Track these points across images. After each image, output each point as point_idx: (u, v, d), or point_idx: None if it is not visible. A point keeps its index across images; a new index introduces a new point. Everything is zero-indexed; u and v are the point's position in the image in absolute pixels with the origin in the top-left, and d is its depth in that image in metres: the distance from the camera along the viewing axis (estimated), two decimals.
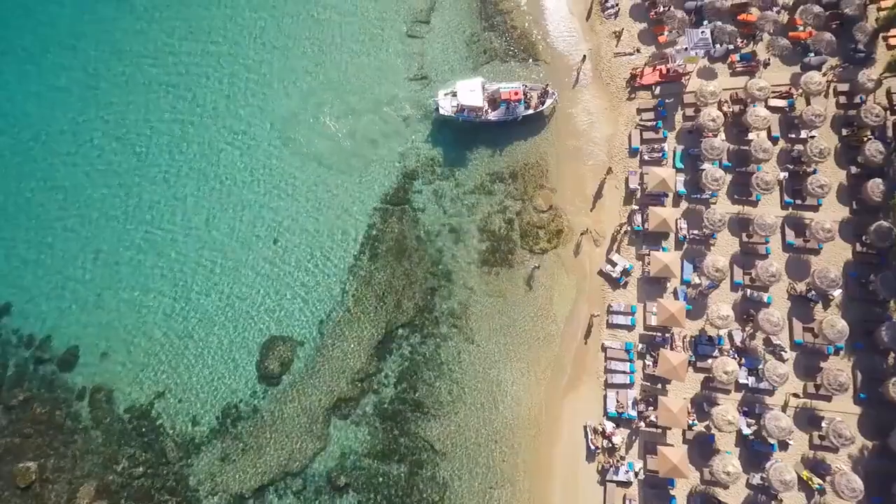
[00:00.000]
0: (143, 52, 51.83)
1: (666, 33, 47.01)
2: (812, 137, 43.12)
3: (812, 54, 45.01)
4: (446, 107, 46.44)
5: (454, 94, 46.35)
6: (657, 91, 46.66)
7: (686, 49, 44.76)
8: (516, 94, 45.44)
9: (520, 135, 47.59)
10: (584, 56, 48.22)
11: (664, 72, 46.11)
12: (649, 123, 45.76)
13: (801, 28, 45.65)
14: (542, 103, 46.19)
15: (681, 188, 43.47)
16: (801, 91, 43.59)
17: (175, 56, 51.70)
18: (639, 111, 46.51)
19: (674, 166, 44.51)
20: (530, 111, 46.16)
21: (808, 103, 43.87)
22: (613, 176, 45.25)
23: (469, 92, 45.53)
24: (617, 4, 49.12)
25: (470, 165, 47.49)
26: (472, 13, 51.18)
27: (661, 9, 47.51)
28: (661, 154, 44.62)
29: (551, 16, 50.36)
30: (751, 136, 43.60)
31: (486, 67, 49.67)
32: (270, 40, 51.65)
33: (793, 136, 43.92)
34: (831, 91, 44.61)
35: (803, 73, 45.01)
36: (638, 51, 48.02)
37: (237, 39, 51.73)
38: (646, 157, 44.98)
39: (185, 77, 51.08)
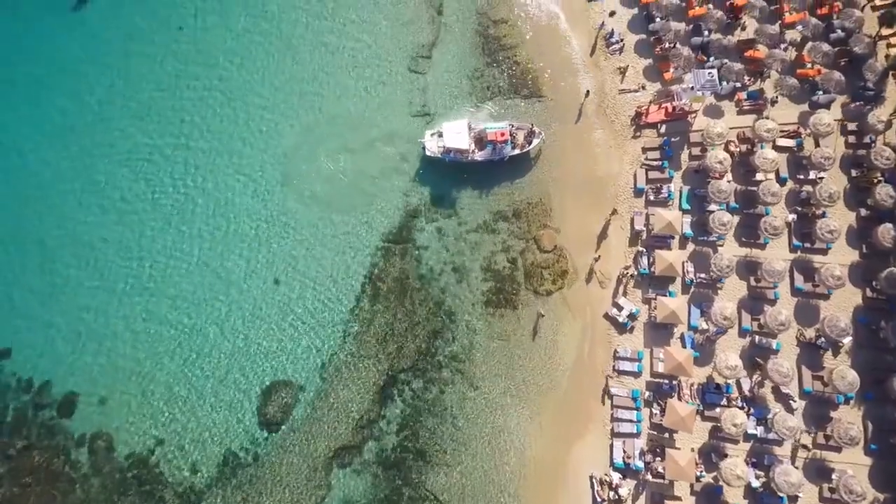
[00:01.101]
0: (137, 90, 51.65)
1: (672, 70, 46.42)
2: (821, 179, 42.54)
3: (821, 92, 44.36)
4: (433, 147, 45.94)
5: (440, 135, 45.92)
6: (662, 129, 46.04)
7: (692, 88, 44.11)
8: (502, 134, 44.91)
9: (522, 172, 47.08)
10: (588, 91, 47.64)
11: (670, 110, 45.53)
12: (654, 163, 45.13)
13: (810, 65, 45.03)
14: (529, 143, 45.65)
15: (687, 230, 42.83)
16: (809, 131, 42.95)
17: (174, 89, 51.46)
18: (644, 150, 45.89)
19: (680, 207, 43.90)
20: (517, 151, 45.60)
21: (816, 144, 43.24)
22: (618, 216, 44.65)
23: (455, 134, 45.12)
24: (621, 40, 48.53)
25: (472, 203, 46.95)
26: (475, 48, 50.65)
27: (667, 45, 46.96)
28: (666, 194, 44.00)
29: (554, 51, 49.72)
30: (758, 176, 42.98)
31: (488, 104, 49.19)
32: (270, 78, 51.12)
33: (801, 176, 43.23)
34: (839, 130, 44.02)
35: (811, 111, 44.47)
36: (643, 87, 47.42)
37: (236, 77, 51.25)
38: (651, 198, 44.38)
39: (185, 113, 50.74)
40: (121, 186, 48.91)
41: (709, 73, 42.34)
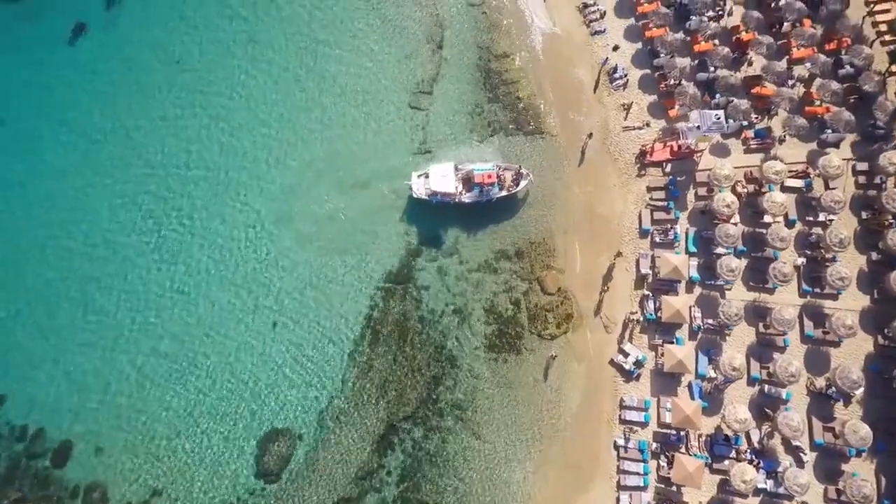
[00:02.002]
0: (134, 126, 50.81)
1: (677, 108, 45.53)
2: (830, 221, 41.61)
3: (829, 131, 43.44)
4: (419, 189, 45.09)
5: (427, 176, 45.14)
6: (668, 168, 45.15)
7: (698, 128, 43.15)
8: (489, 177, 44.15)
9: (524, 211, 46.22)
10: (590, 133, 46.72)
11: (675, 149, 44.58)
12: (660, 203, 44.21)
13: (818, 103, 44.13)
14: (517, 185, 44.81)
15: (694, 273, 41.89)
16: (818, 172, 42.00)
17: (170, 124, 50.65)
18: (649, 189, 44.98)
19: (686, 250, 42.99)
20: (504, 193, 44.78)
21: (826, 186, 42.32)
22: (623, 258, 43.71)
23: (441, 177, 44.40)
24: (625, 75, 47.63)
25: (474, 242, 46.05)
26: (476, 83, 49.77)
27: (672, 81, 46.04)
28: (672, 236, 43.07)
29: (557, 86, 48.83)
30: (767, 218, 42.05)
31: (489, 140, 48.31)
32: (268, 113, 50.22)
33: (810, 218, 42.29)
34: (849, 170, 43.13)
35: (820, 149, 43.73)
36: (648, 125, 46.51)
37: (233, 113, 50.34)
38: (657, 239, 43.44)
39: (185, 145, 49.91)
40: (118, 223, 48.07)
41: (716, 115, 41.41)
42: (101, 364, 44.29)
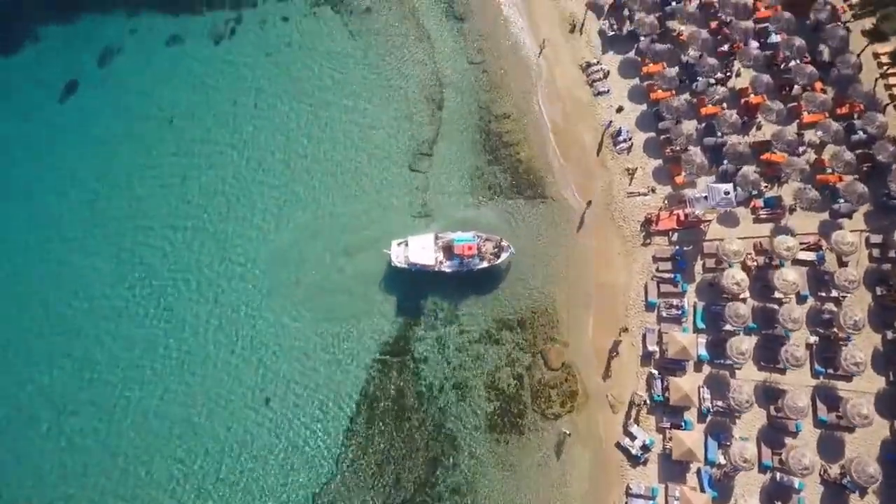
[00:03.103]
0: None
1: (683, 175, 44.08)
2: (844, 297, 40.12)
3: (842, 200, 41.98)
4: (399, 258, 43.72)
5: (407, 244, 43.89)
6: (674, 238, 43.73)
7: (705, 198, 41.64)
8: (469, 248, 42.91)
9: (526, 278, 44.77)
10: (590, 202, 45.43)
11: (682, 218, 43.15)
12: (666, 275, 42.67)
13: (830, 171, 42.69)
14: (497, 257, 43.48)
15: (703, 352, 40.34)
16: (831, 247, 40.55)
17: (167, 184, 49.37)
18: (655, 259, 43.48)
19: (694, 325, 41.49)
20: (485, 264, 43.46)
21: (839, 261, 40.83)
22: (629, 333, 42.18)
23: (420, 249, 43.30)
24: (630, 138, 46.21)
25: (475, 310, 44.64)
26: (476, 144, 48.42)
27: (678, 147, 44.59)
28: (680, 311, 41.57)
29: (559, 149, 47.33)
30: (777, 294, 40.55)
31: (489, 204, 46.93)
32: (263, 174, 48.90)
33: (823, 294, 40.76)
34: (863, 242, 41.67)
35: (832, 219, 42.27)
36: (653, 190, 45.08)
37: (226, 177, 49.08)
38: (664, 314, 41.94)
39: (174, 207, 48.61)
40: (104, 291, 46.82)
41: (724, 190, 39.95)
42: (84, 442, 42.83)
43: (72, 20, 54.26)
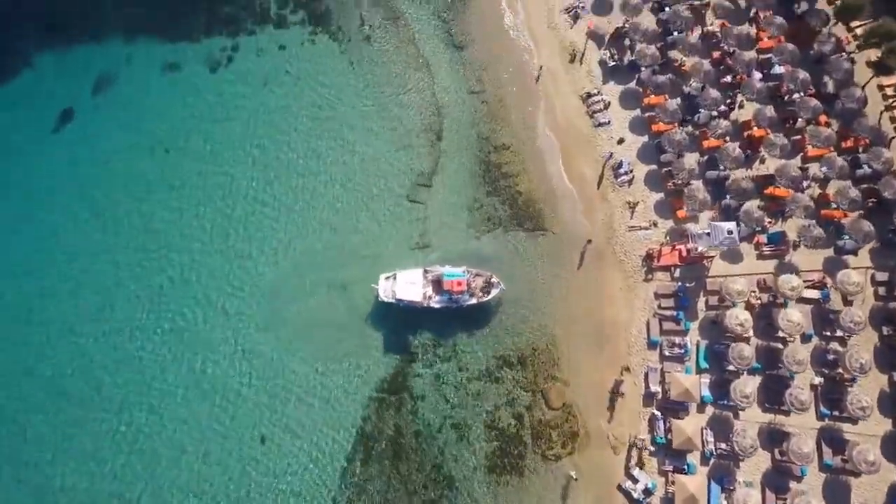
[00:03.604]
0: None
1: (685, 209, 43.37)
2: (849, 337, 39.42)
3: (847, 237, 41.31)
4: (387, 292, 42.92)
5: (395, 278, 43.19)
6: (676, 273, 43.03)
7: (708, 234, 40.92)
8: (459, 284, 42.10)
9: (526, 314, 44.05)
10: (590, 240, 44.75)
11: (684, 254, 42.46)
12: (669, 313, 41.98)
13: (835, 206, 42.01)
14: (487, 294, 42.77)
15: (706, 393, 39.60)
16: (836, 286, 39.85)
17: (162, 216, 48.81)
18: (657, 296, 42.76)
19: (697, 365, 40.77)
20: (474, 301, 42.77)
21: (844, 300, 40.14)
22: (631, 373, 41.45)
23: (408, 284, 42.61)
24: (631, 171, 45.53)
25: (474, 346, 43.93)
26: (475, 175, 47.73)
27: (680, 181, 43.91)
28: (682, 350, 40.82)
29: (558, 181, 46.65)
30: (781, 333, 39.83)
31: (488, 236, 46.23)
32: (258, 205, 48.12)
33: (828, 333, 40.07)
34: (868, 279, 40.98)
35: (837, 255, 41.60)
36: (655, 224, 44.38)
37: (221, 208, 48.38)
38: (666, 353, 41.20)
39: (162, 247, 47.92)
40: (96, 328, 46.14)
41: (728, 229, 39.22)
42: (78, 480, 42.21)
43: (68, 47, 53.60)
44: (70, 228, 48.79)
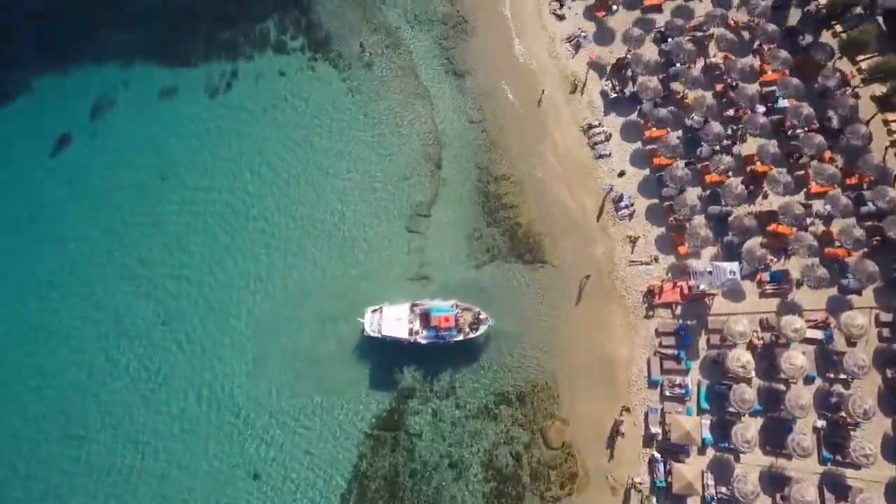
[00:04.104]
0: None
1: (687, 245, 42.79)
2: (853, 380, 38.80)
3: (850, 276, 40.73)
4: (373, 326, 42.28)
5: (381, 312, 42.70)
6: (678, 311, 42.45)
7: (710, 273, 40.31)
8: (447, 320, 41.52)
9: (525, 349, 43.37)
10: (588, 276, 44.14)
11: (685, 291, 41.92)
12: (670, 352, 41.38)
13: (838, 244, 41.43)
14: (476, 330, 42.16)
15: (707, 435, 38.91)
16: (839, 327, 39.25)
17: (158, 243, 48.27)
18: (658, 333, 42.16)
19: (698, 405, 40.16)
20: (461, 337, 42.13)
21: (848, 341, 39.53)
22: (631, 414, 40.80)
23: (394, 320, 42.00)
24: (632, 204, 44.99)
25: (473, 382, 43.17)
26: (475, 206, 47.11)
27: (680, 216, 43.32)
28: (683, 390, 40.23)
29: (558, 213, 46.11)
30: (784, 375, 39.18)
31: (488, 267, 45.62)
32: (258, 232, 47.60)
33: (831, 375, 39.47)
34: (873, 319, 40.39)
35: (841, 295, 41.01)
36: (656, 259, 43.80)
37: (216, 235, 47.78)
38: (667, 393, 40.60)
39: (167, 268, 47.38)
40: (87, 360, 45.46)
41: (730, 270, 38.66)
42: None
43: (66, 70, 52.90)
44: (63, 254, 48.22)
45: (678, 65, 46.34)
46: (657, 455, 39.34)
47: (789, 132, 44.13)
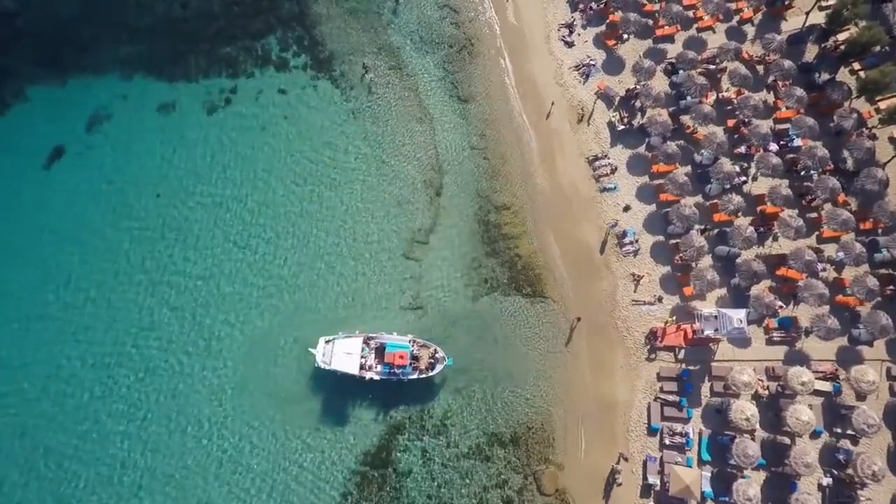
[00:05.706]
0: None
1: (693, 286, 41.24)
2: (862, 436, 37.12)
3: (861, 327, 39.09)
4: (326, 356, 40.65)
5: (334, 344, 41.23)
6: (681, 355, 40.91)
7: (715, 317, 38.83)
8: (401, 357, 40.14)
9: (521, 388, 42.04)
10: (579, 318, 42.90)
11: (689, 335, 40.39)
12: (671, 398, 39.82)
13: (850, 292, 39.82)
14: (432, 368, 40.71)
15: (707, 488, 37.32)
16: (849, 379, 37.63)
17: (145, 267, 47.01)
18: (659, 377, 40.63)
19: (699, 456, 38.56)
20: (416, 375, 40.66)
21: (857, 395, 37.90)
22: (630, 457, 39.24)
23: (344, 354, 40.53)
24: (636, 241, 43.53)
25: (466, 420, 41.83)
26: (474, 235, 45.84)
27: (686, 256, 41.78)
28: (684, 440, 38.66)
29: (560, 246, 44.73)
30: (789, 429, 37.53)
31: (485, 299, 44.29)
32: (252, 254, 46.29)
33: (838, 430, 37.81)
34: (884, 373, 38.73)
35: (851, 345, 39.38)
36: (660, 300, 42.30)
37: (211, 256, 46.49)
38: (667, 441, 39.02)
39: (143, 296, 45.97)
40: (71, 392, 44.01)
41: (738, 318, 37.18)
42: None
43: (63, 81, 51.72)
44: (54, 270, 47.11)
45: (689, 98, 44.92)
46: None
47: (802, 172, 42.61)
